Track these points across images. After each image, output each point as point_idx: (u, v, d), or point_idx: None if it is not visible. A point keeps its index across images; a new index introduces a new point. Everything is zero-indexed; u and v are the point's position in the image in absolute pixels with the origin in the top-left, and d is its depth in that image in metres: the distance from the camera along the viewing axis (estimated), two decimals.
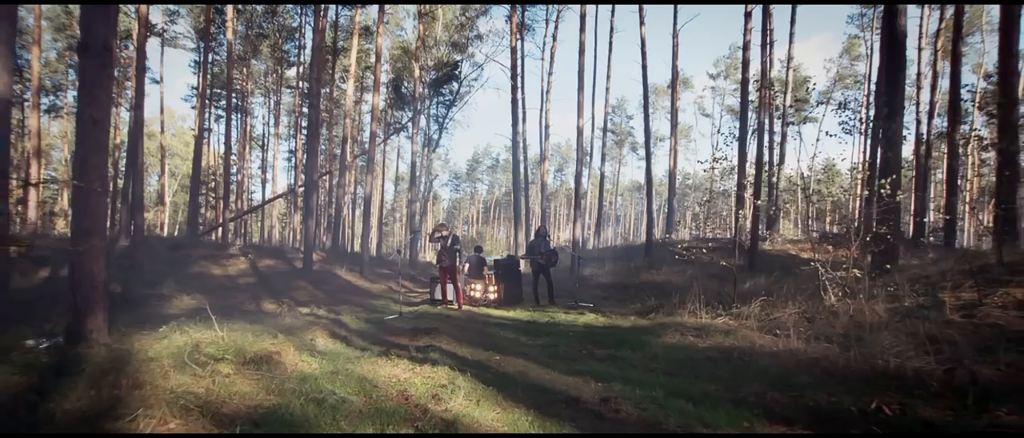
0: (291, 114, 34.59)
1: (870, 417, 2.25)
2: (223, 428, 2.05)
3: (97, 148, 3.85)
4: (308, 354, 3.78)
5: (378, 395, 2.75)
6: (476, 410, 2.51)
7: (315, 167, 14.71)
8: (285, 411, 2.36)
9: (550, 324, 6.20)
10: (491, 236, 47.63)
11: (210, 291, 11.78)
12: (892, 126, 6.74)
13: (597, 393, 2.96)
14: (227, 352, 3.34)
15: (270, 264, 15.82)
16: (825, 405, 2.46)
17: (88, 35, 3.78)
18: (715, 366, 3.44)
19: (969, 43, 26.83)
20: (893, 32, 7.02)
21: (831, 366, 2.94)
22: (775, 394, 2.70)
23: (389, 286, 13.73)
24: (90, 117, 3.74)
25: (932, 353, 2.78)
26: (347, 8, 23.67)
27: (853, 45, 31.66)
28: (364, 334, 5.26)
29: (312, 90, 14.36)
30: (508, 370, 3.55)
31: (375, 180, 27.11)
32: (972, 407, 2.19)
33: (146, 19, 14.09)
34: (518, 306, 8.56)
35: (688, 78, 43.63)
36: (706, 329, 4.51)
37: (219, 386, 2.63)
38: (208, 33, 19.66)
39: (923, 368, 2.62)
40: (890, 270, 6.57)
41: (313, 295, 11.32)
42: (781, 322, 4.15)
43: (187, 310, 8.69)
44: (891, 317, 3.73)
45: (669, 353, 3.99)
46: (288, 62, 30.69)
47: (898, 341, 3.04)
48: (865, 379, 2.69)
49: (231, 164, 24.61)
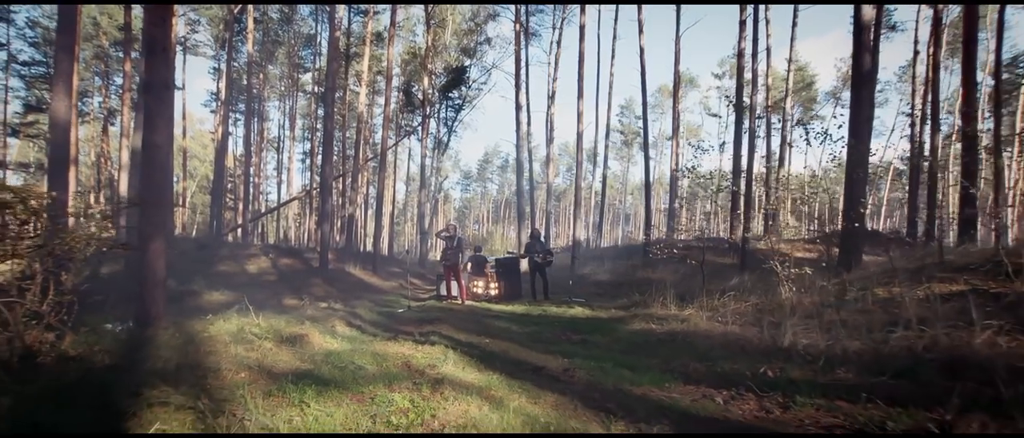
0: (305, 117, 35.79)
1: (757, 378, 2.97)
2: (275, 382, 2.84)
3: (159, 168, 4.70)
4: (330, 336, 4.59)
5: (386, 364, 3.55)
6: (461, 373, 3.29)
7: (330, 172, 15.62)
8: (317, 372, 3.16)
9: (541, 316, 6.96)
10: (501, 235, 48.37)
11: (236, 287, 12.74)
12: (859, 147, 7.37)
13: (561, 365, 3.72)
14: (267, 333, 4.16)
15: (288, 263, 16.80)
16: (728, 371, 3.20)
17: (152, 76, 4.64)
18: (661, 346, 4.18)
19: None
20: (859, 65, 7.65)
21: (747, 344, 3.67)
22: (696, 364, 3.44)
23: (400, 283, 14.58)
24: (153, 142, 4.59)
25: (821, 333, 3.50)
26: (360, 16, 24.63)
27: None
28: (376, 323, 6.07)
29: (327, 99, 15.25)
30: (494, 349, 4.33)
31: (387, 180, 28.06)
32: (823, 368, 2.91)
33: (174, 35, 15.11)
34: (517, 301, 9.32)
35: (694, 77, 43.95)
36: (667, 318, 5.24)
37: (266, 355, 3.45)
38: (230, 42, 20.75)
39: (811, 344, 3.34)
40: (852, 267, 7.25)
41: (329, 291, 12.22)
42: (731, 311, 4.87)
43: (220, 303, 9.61)
44: (819, 306, 4.44)
45: (630, 337, 4.73)
46: (303, 68, 31.86)
47: (804, 325, 3.76)
48: (766, 352, 3.41)
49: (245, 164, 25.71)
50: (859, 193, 7.41)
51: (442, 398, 2.64)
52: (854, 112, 7.63)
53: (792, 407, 2.51)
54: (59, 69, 7.12)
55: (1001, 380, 2.14)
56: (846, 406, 2.39)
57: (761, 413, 2.52)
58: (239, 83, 27.07)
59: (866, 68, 7.60)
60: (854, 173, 7.44)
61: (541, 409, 2.62)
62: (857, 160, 7.42)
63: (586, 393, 2.94)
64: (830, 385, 2.65)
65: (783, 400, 2.60)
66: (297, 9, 27.63)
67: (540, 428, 2.32)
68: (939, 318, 3.25)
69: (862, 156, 7.43)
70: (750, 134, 14.49)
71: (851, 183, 7.52)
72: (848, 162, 7.47)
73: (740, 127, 14.98)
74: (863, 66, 7.63)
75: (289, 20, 27.61)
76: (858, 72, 7.67)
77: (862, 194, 7.43)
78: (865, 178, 7.54)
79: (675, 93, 20.98)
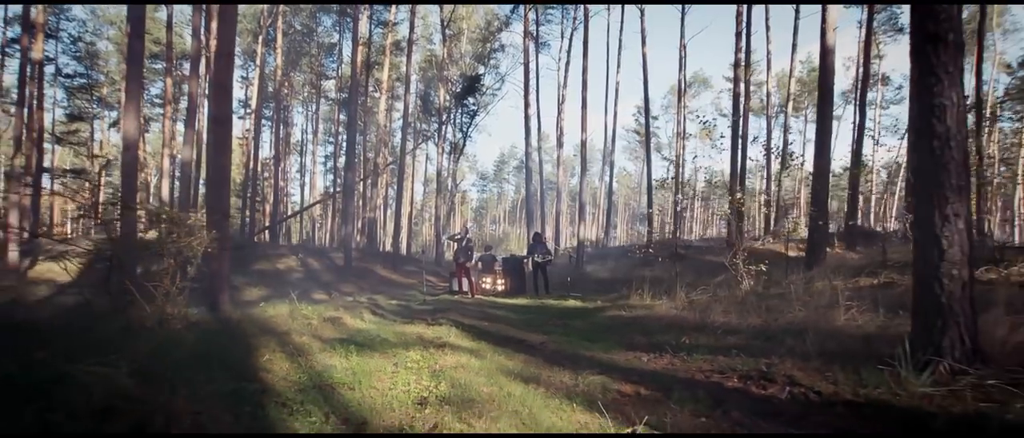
0: (327, 121, 37.49)
1: (677, 345, 4.00)
2: (326, 344, 3.97)
3: (223, 184, 5.92)
4: (359, 320, 5.74)
5: (404, 337, 4.67)
6: (459, 341, 4.39)
7: (353, 177, 16.93)
8: (353, 340, 4.29)
9: (538, 307, 8.04)
10: (517, 235, 49.49)
11: (270, 283, 14.13)
12: (821, 159, 8.27)
13: (540, 339, 4.80)
14: (312, 315, 5.34)
15: (315, 262, 18.19)
16: (660, 341, 4.22)
17: (218, 111, 5.85)
18: (624, 327, 5.22)
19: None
20: (824, 85, 8.52)
21: (684, 323, 4.68)
22: (640, 337, 4.48)
23: (417, 280, 15.78)
24: (219, 164, 5.81)
25: (737, 315, 4.51)
26: (380, 27, 26.04)
27: None
28: (396, 312, 7.22)
29: (351, 111, 16.58)
30: (490, 329, 5.43)
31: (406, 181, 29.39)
32: (721, 336, 3.93)
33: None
34: (520, 296, 10.41)
35: (707, 78, 44.21)
36: (638, 307, 6.27)
37: (315, 329, 4.61)
38: (261, 55, 22.32)
39: (726, 322, 4.36)
40: (814, 264, 8.15)
41: (354, 287, 13.48)
42: (685, 301, 5.88)
43: (260, 297, 10.92)
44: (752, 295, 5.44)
45: (603, 321, 5.78)
46: (325, 76, 33.43)
47: (726, 308, 4.77)
48: (694, 328, 4.43)
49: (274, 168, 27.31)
50: (822, 199, 8.31)
51: (442, 354, 3.75)
52: (819, 127, 8.52)
53: (689, 361, 3.54)
54: (130, 97, 8.46)
55: (814, 340, 3.16)
56: (722, 359, 3.41)
57: (668, 365, 3.57)
58: (266, 90, 28.71)
59: (829, 88, 8.47)
60: (818, 181, 8.34)
61: (513, 362, 3.71)
62: (820, 170, 8.31)
63: (550, 356, 4.01)
64: (719, 347, 3.68)
65: (686, 357, 3.64)
66: (320, 21, 29.19)
67: (507, 373, 3.41)
68: (826, 303, 4.24)
69: (824, 167, 8.31)
70: (743, 139, 15.27)
71: (815, 190, 8.42)
72: (814, 172, 8.36)
73: (736, 135, 15.79)
74: (828, 86, 8.51)
75: (313, 31, 29.15)
76: (823, 92, 8.55)
77: (824, 200, 8.31)
78: (826, 186, 8.42)
79: (680, 98, 21.80)
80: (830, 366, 2.93)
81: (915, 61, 2.82)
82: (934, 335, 2.66)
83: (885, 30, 24.20)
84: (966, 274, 2.65)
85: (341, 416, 2.31)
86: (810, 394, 2.70)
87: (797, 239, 15.49)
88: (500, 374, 3.31)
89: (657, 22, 74.37)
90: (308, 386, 2.66)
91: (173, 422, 1.70)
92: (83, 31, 25.13)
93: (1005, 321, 2.81)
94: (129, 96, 8.25)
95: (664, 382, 3.08)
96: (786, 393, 2.75)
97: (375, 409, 2.48)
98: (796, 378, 2.88)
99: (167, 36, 17.32)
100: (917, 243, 2.84)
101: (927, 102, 2.74)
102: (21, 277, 10.07)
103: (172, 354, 2.43)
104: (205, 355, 2.72)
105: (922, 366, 2.56)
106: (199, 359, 2.48)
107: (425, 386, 2.92)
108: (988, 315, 2.92)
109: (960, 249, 2.64)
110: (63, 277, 11.59)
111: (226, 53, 5.82)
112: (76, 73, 27.47)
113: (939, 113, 2.70)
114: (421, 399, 2.68)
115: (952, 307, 2.62)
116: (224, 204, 5.86)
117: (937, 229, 2.67)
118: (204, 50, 12.69)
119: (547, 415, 2.46)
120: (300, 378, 2.78)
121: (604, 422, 2.36)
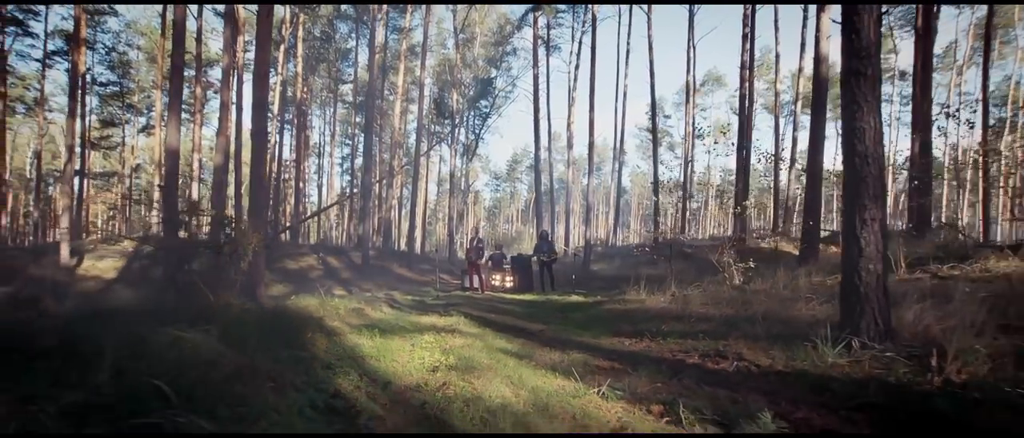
0: (343, 123, 38.56)
1: (657, 331, 4.59)
2: (354, 328, 4.65)
3: (261, 190, 6.66)
4: (379, 311, 6.43)
5: (419, 325, 5.33)
6: (467, 328, 5.04)
7: (370, 179, 17.73)
8: (376, 326, 4.96)
9: (542, 302, 8.67)
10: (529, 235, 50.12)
11: (293, 281, 14.99)
12: (814, 161, 8.73)
13: (538, 328, 5.43)
14: (339, 306, 6.04)
15: (333, 260, 19.05)
16: (643, 328, 4.81)
17: (257, 126, 6.59)
18: (615, 318, 5.81)
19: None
20: (818, 91, 8.96)
21: (667, 313, 5.27)
22: (627, 326, 5.08)
23: (431, 278, 16.52)
24: (259, 175, 6.56)
25: (714, 306, 5.08)
26: (396, 33, 26.91)
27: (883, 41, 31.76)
28: (412, 306, 7.91)
29: (368, 116, 17.39)
30: (495, 320, 6.07)
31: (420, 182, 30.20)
32: (695, 324, 4.51)
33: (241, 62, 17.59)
34: (528, 292, 11.05)
35: (721, 76, 44.34)
36: (631, 301, 6.85)
37: (343, 317, 5.31)
38: (283, 62, 23.29)
39: (703, 312, 4.93)
40: (808, 261, 8.62)
41: (371, 284, 14.25)
42: (671, 295, 6.45)
43: (285, 292, 11.74)
44: (737, 290, 5.98)
45: (598, 314, 6.38)
46: (342, 80, 34.47)
47: (706, 302, 5.34)
48: (674, 317, 5.02)
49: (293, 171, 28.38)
50: (814, 201, 8.77)
51: (452, 337, 4.41)
52: (813, 133, 8.96)
53: (663, 344, 4.14)
54: (172, 110, 9.29)
55: (766, 325, 3.74)
56: (690, 342, 4.00)
57: (645, 347, 4.17)
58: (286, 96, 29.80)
59: (822, 95, 8.92)
60: (810, 184, 8.80)
61: (512, 345, 4.35)
62: (813, 174, 8.78)
63: (545, 340, 4.64)
64: (690, 332, 4.27)
65: (661, 341, 4.23)
66: (337, 28, 30.21)
67: (506, 352, 4.04)
68: (791, 296, 4.79)
69: (817, 171, 8.77)
70: (747, 142, 15.66)
71: (808, 193, 8.88)
72: (807, 176, 8.82)
73: (743, 136, 16.18)
74: (822, 93, 8.96)
75: (330, 38, 30.15)
76: (817, 99, 8.99)
77: (817, 201, 8.77)
78: (819, 189, 8.87)
79: (688, 100, 22.17)
80: (774, 345, 3.51)
81: (842, 91, 3.38)
82: (854, 318, 3.22)
83: (884, 34, 24.19)
84: (880, 268, 3.21)
85: (371, 377, 2.97)
86: (752, 367, 3.29)
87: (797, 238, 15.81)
88: (500, 352, 3.96)
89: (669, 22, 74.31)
90: (344, 356, 3.33)
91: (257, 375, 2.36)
92: (117, 42, 26.44)
93: (917, 308, 3.35)
94: (171, 110, 9.07)
95: (636, 359, 3.69)
96: (733, 366, 3.34)
97: (397, 374, 3.14)
98: (743, 355, 3.46)
99: (197, 48, 18.33)
100: (843, 243, 3.40)
101: (850, 126, 3.30)
102: (72, 273, 11.03)
103: (239, 330, 3.10)
104: (263, 331, 3.40)
105: (842, 343, 3.13)
106: (259, 334, 3.15)
107: (437, 359, 3.58)
108: (907, 303, 3.47)
109: (875, 248, 3.20)
110: (107, 273, 12.59)
111: (263, 74, 6.56)
112: (109, 81, 28.89)
113: (860, 135, 3.26)
114: (433, 367, 3.33)
115: (868, 295, 3.19)
116: (263, 207, 6.60)
117: (857, 231, 3.23)
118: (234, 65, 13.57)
119: (533, 379, 3.09)
120: (337, 351, 3.45)
121: (578, 386, 2.98)
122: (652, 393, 2.90)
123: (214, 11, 22.73)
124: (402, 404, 2.58)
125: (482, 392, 2.73)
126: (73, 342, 2.37)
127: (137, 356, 2.15)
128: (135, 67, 29.54)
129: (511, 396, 2.71)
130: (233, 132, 15.16)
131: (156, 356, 2.23)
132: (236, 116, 16.44)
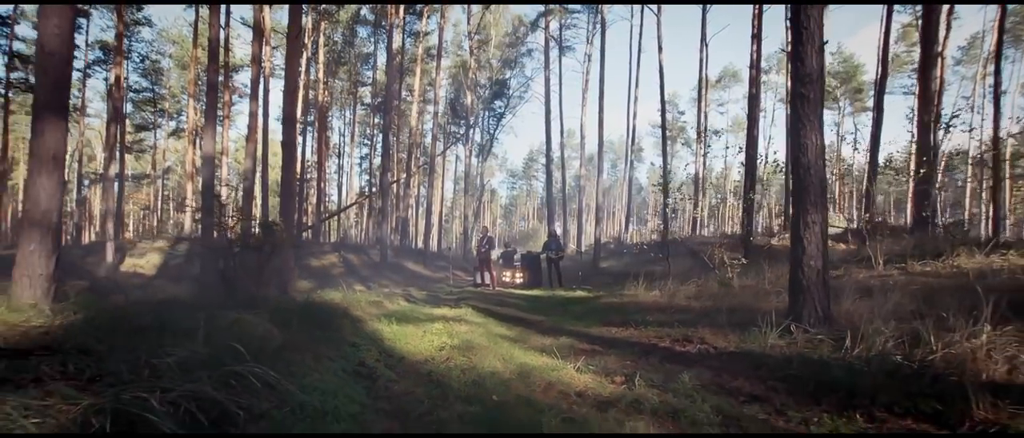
0: (362, 125, 39.64)
1: (642, 320, 5.16)
2: (374, 318, 5.33)
3: (291, 195, 7.40)
4: (396, 304, 7.12)
5: (431, 315, 6.00)
6: (473, 318, 5.69)
7: (389, 179, 18.53)
8: (393, 316, 5.64)
9: (548, 297, 9.27)
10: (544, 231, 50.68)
11: (317, 277, 15.86)
12: None
13: (538, 319, 6.05)
14: (360, 299, 6.75)
15: (353, 258, 19.94)
16: (630, 318, 5.38)
17: (287, 137, 7.33)
18: (609, 310, 6.39)
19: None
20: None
21: (654, 305, 5.83)
22: (617, 317, 5.65)
23: (446, 275, 17.25)
24: (288, 181, 7.30)
25: (696, 299, 5.62)
26: (412, 37, 27.73)
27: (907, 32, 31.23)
28: (426, 300, 8.60)
29: (386, 119, 18.17)
30: (501, 312, 6.71)
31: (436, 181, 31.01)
32: (674, 314, 5.07)
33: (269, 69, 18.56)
34: (536, 288, 11.66)
35: (737, 71, 44.06)
36: (627, 295, 7.42)
37: (364, 308, 6.00)
38: (306, 66, 24.33)
39: (684, 304, 5.48)
40: None
41: (389, 280, 15.02)
42: (661, 290, 6.99)
43: (309, 288, 12.55)
44: (722, 285, 6.50)
45: (596, 307, 6.96)
46: (362, 82, 35.49)
47: (689, 295, 5.88)
48: (660, 309, 5.57)
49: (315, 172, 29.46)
50: None
51: (459, 325, 5.05)
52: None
53: (644, 331, 4.71)
54: (207, 122, 10.14)
55: (731, 315, 4.29)
56: (666, 329, 4.57)
57: (628, 334, 4.75)
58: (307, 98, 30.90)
59: None
60: None
61: (511, 332, 4.98)
62: None
63: (541, 329, 5.25)
64: (669, 321, 4.84)
65: (643, 328, 4.81)
66: (357, 33, 31.17)
67: (504, 337, 4.66)
68: (764, 290, 5.31)
69: None
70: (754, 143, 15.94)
71: None
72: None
73: (752, 134, 16.45)
74: None
75: (350, 42, 31.15)
76: None
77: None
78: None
79: (700, 98, 22.45)
80: (733, 331, 4.06)
81: (791, 110, 3.91)
82: (797, 307, 3.76)
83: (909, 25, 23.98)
84: (821, 265, 3.74)
85: (388, 353, 3.63)
86: (710, 349, 3.85)
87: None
88: (499, 337, 4.59)
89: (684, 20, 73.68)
90: (366, 338, 4.00)
91: (300, 347, 3.03)
92: (150, 51, 27.81)
93: (855, 299, 3.87)
94: (207, 122, 9.92)
95: (616, 344, 4.28)
96: (696, 349, 3.91)
97: (410, 351, 3.80)
98: (706, 339, 4.03)
99: (224, 56, 19.33)
100: (791, 242, 3.93)
101: (796, 141, 3.83)
102: (117, 270, 12.04)
103: (282, 316, 3.79)
104: (300, 317, 4.10)
105: (785, 328, 3.67)
106: (298, 319, 3.82)
107: (444, 341, 4.23)
108: (848, 295, 3.98)
109: (816, 247, 3.74)
110: (148, 270, 13.61)
111: (292, 89, 7.29)
112: (142, 88, 30.37)
113: (804, 150, 3.79)
114: (440, 347, 3.98)
115: (809, 288, 3.72)
116: (292, 211, 7.35)
117: (801, 232, 3.77)
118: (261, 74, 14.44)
119: (522, 357, 3.71)
120: (361, 334, 4.12)
121: (558, 362, 3.58)
122: (620, 368, 3.49)
123: (241, 19, 23.83)
124: (412, 372, 3.23)
125: (477, 365, 3.37)
126: (161, 321, 3.07)
127: (213, 330, 2.84)
128: (166, 74, 30.94)
129: (501, 367, 3.34)
130: (260, 137, 16.07)
131: (225, 330, 2.91)
132: (263, 122, 17.40)
